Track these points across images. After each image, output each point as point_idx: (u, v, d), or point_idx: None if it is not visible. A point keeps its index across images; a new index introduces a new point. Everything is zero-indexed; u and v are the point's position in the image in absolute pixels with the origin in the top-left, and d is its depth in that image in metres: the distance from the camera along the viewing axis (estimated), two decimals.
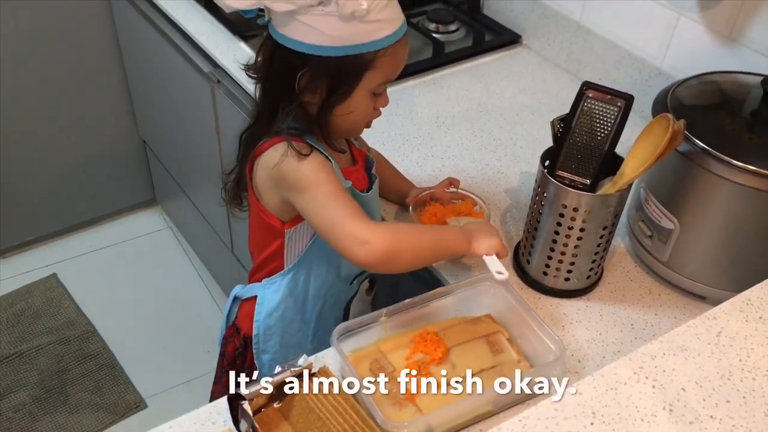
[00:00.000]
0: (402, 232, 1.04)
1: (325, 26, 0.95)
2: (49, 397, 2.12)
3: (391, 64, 1.02)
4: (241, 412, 0.91)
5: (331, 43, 0.97)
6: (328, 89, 1.01)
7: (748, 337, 0.82)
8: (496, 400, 0.98)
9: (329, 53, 0.97)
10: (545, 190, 1.09)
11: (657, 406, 0.74)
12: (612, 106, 1.05)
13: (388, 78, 1.04)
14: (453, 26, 1.84)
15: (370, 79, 1.01)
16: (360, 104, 1.04)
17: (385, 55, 1.00)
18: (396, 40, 1.00)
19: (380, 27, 0.97)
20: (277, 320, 1.22)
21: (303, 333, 1.23)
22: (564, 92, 1.66)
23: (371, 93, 1.04)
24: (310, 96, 1.02)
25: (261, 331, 1.23)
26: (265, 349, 1.24)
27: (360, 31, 0.96)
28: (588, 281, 1.17)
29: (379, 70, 1.01)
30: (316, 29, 0.96)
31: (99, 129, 2.51)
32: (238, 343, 1.28)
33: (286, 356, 1.23)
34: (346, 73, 1.00)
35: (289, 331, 1.23)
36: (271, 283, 1.20)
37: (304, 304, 1.21)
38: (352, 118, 1.05)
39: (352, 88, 1.01)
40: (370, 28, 0.97)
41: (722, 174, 1.02)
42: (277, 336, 1.23)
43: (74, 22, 2.25)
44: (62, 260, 2.57)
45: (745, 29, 1.33)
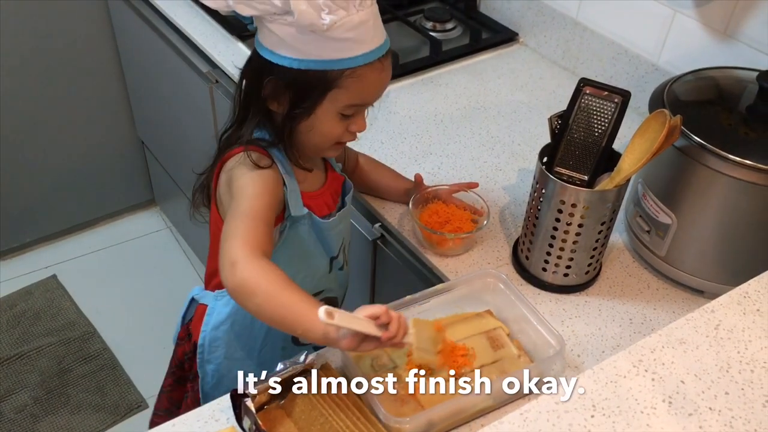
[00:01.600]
0: (269, 278, 0.91)
1: (288, 37, 0.94)
2: (51, 398, 2.12)
3: (358, 87, 0.97)
4: (244, 409, 0.92)
5: (293, 55, 0.95)
6: (291, 102, 0.99)
7: (745, 329, 0.83)
8: (497, 395, 0.98)
9: (291, 64, 0.95)
10: (544, 186, 1.10)
11: (656, 399, 0.75)
12: (609, 102, 1.05)
13: (357, 101, 1.00)
14: (450, 24, 1.85)
15: (334, 99, 0.98)
16: (325, 123, 1.01)
17: (352, 76, 0.96)
18: (365, 62, 0.96)
19: (348, 46, 0.94)
20: (224, 333, 1.20)
21: (249, 347, 1.21)
22: (561, 89, 1.66)
23: (338, 113, 1.00)
24: (275, 105, 1.01)
25: (207, 342, 1.22)
26: (210, 359, 1.23)
27: (322, 46, 0.93)
28: (587, 276, 1.17)
29: (344, 91, 0.97)
30: (281, 38, 0.94)
31: (97, 130, 2.51)
32: (188, 347, 1.27)
33: (230, 369, 1.22)
34: (309, 87, 0.97)
35: (235, 345, 1.21)
36: (222, 295, 1.17)
37: (253, 320, 1.17)
38: (316, 136, 1.03)
39: (314, 105, 0.99)
40: (336, 45, 0.93)
41: (719, 169, 1.03)
42: (222, 348, 1.22)
43: (72, 23, 2.26)
44: (62, 261, 2.58)
45: (741, 25, 1.34)
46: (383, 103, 1.59)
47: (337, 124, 1.02)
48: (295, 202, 1.06)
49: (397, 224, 1.30)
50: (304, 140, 1.04)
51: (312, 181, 1.12)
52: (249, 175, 1.01)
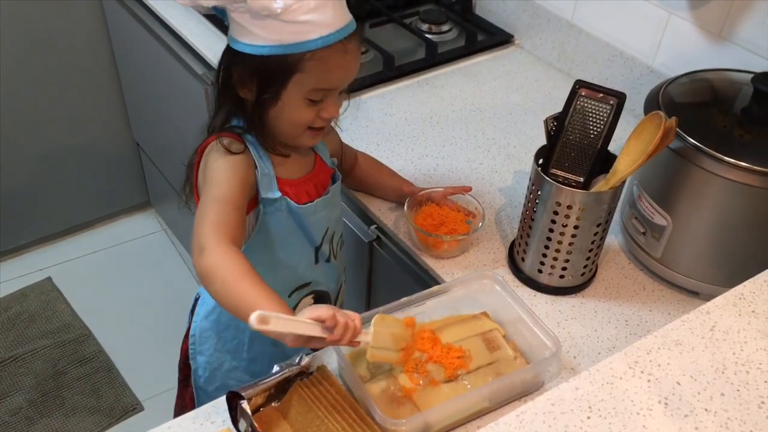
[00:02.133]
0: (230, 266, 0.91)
1: (248, 23, 0.95)
2: (45, 400, 2.11)
3: (320, 70, 0.97)
4: (240, 411, 0.92)
5: (254, 42, 0.96)
6: (258, 88, 1.00)
7: (741, 330, 0.83)
8: (493, 397, 0.99)
9: (252, 51, 0.97)
10: (539, 188, 1.10)
11: (652, 400, 0.75)
12: (604, 104, 1.06)
13: (322, 85, 0.99)
14: (445, 27, 1.85)
15: (298, 83, 0.98)
16: (293, 109, 1.01)
17: (313, 59, 0.96)
18: (325, 44, 0.96)
19: (306, 29, 0.94)
20: (212, 323, 1.20)
21: (239, 341, 1.21)
22: (556, 91, 1.67)
23: (305, 99, 1.00)
24: (245, 92, 1.02)
25: (197, 333, 1.23)
26: (201, 351, 1.24)
27: (280, 31, 0.94)
28: (582, 278, 1.18)
29: (307, 75, 0.97)
30: (242, 26, 0.96)
31: (92, 132, 2.51)
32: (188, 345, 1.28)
33: (221, 362, 1.22)
34: (272, 73, 0.98)
35: (224, 336, 1.22)
36: None
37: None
38: (285, 122, 1.03)
39: (279, 90, 0.99)
40: (294, 29, 0.94)
41: (714, 170, 1.04)
42: (212, 340, 1.22)
43: (67, 25, 2.25)
44: (57, 264, 2.57)
45: (735, 27, 1.35)
46: (379, 105, 1.59)
47: (305, 110, 1.02)
48: (267, 186, 1.06)
49: (393, 226, 1.30)
50: (276, 126, 1.05)
51: (294, 168, 1.12)
52: (220, 161, 1.02)
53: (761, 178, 1.01)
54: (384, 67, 1.69)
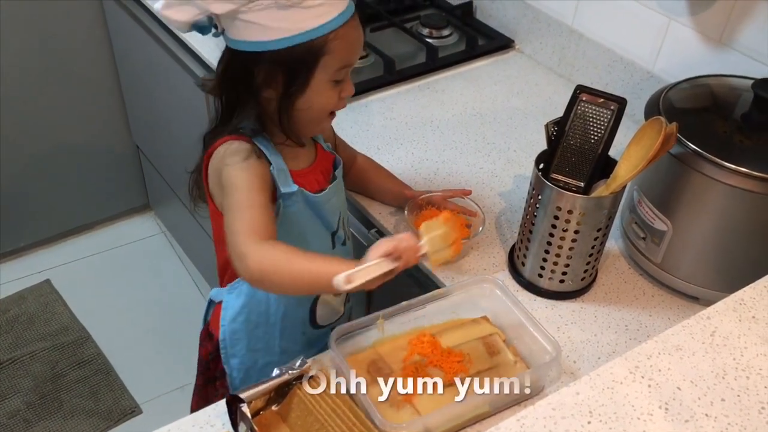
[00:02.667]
0: (276, 256, 0.96)
1: (268, 20, 0.95)
2: (44, 403, 2.11)
3: (344, 46, 1.00)
4: (239, 414, 0.92)
5: (277, 36, 0.97)
6: (285, 82, 1.01)
7: (741, 336, 0.83)
8: (494, 401, 0.99)
9: (278, 46, 0.97)
10: (540, 192, 1.10)
11: (653, 405, 0.75)
12: (605, 109, 1.06)
13: (345, 62, 1.02)
14: (446, 31, 1.86)
15: (325, 65, 1.00)
16: (321, 94, 1.03)
17: (336, 38, 0.99)
18: (344, 21, 0.99)
19: (324, 11, 0.97)
20: (241, 324, 1.21)
21: (270, 335, 1.22)
22: (557, 96, 1.67)
23: (330, 81, 1.02)
24: (269, 92, 1.02)
25: (227, 336, 1.23)
26: (233, 353, 1.24)
27: (303, 18, 0.96)
28: (582, 283, 1.18)
29: (332, 55, 0.99)
30: (261, 25, 0.96)
31: (92, 134, 2.51)
32: (210, 347, 1.28)
33: (255, 360, 1.23)
34: (299, 62, 0.99)
35: (255, 334, 1.22)
36: (234, 288, 1.20)
37: (267, 306, 1.19)
38: (313, 111, 1.05)
39: (309, 78, 1.01)
40: (313, 13, 0.96)
41: (714, 176, 1.04)
42: (243, 340, 1.23)
43: (66, 27, 2.26)
44: (56, 266, 2.57)
45: (735, 33, 1.35)
46: (379, 109, 1.60)
47: (331, 93, 1.04)
48: (284, 181, 1.07)
49: (393, 230, 1.30)
50: (301, 117, 1.05)
51: (301, 160, 1.13)
52: (235, 167, 1.03)
53: (761, 184, 1.01)
54: (385, 71, 1.69)
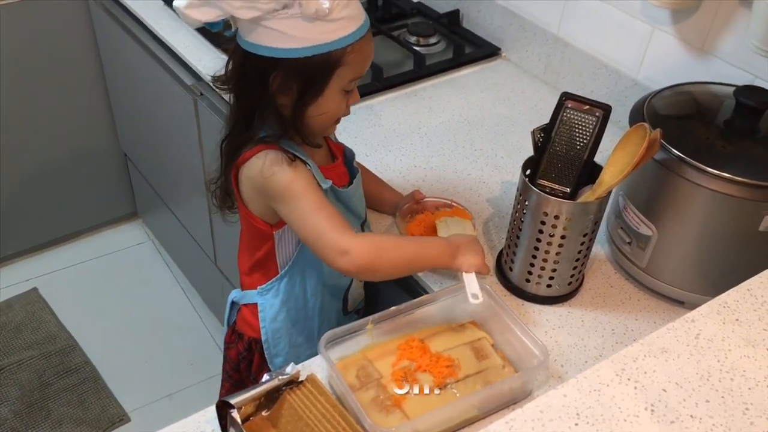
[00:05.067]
0: (383, 242, 1.08)
1: (291, 29, 0.98)
2: (31, 412, 2.10)
3: (359, 59, 1.04)
4: (229, 420, 0.92)
5: (298, 45, 0.99)
6: (300, 90, 1.03)
7: (725, 338, 0.85)
8: (482, 405, 0.99)
9: (298, 54, 1.00)
10: (527, 198, 1.11)
11: (639, 407, 0.76)
12: (590, 115, 1.07)
13: (358, 74, 1.06)
14: (433, 39, 1.87)
15: (340, 76, 1.03)
16: (332, 102, 1.06)
17: (353, 51, 1.02)
18: (361, 35, 1.03)
19: (344, 24, 1.00)
20: (282, 323, 1.24)
21: (309, 330, 1.26)
22: (543, 103, 1.68)
23: (342, 90, 1.06)
24: (283, 98, 1.05)
25: (269, 336, 1.25)
26: (277, 352, 1.27)
27: (325, 30, 0.99)
28: (569, 288, 1.19)
29: (348, 67, 1.03)
30: (283, 33, 0.98)
31: (80, 142, 2.50)
32: (241, 347, 1.30)
33: (297, 355, 1.26)
34: (316, 72, 1.02)
35: (295, 330, 1.26)
36: (268, 289, 1.22)
37: (305, 302, 1.23)
38: (324, 117, 1.08)
39: (323, 87, 1.04)
40: (335, 26, 0.99)
41: (698, 181, 1.05)
42: (285, 338, 1.26)
43: (54, 35, 2.25)
44: (43, 274, 2.55)
45: (717, 41, 1.37)
46: (367, 116, 1.61)
47: (341, 101, 1.07)
48: (320, 179, 1.10)
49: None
50: (311, 123, 1.08)
51: (323, 157, 1.17)
52: (286, 175, 1.05)
53: (743, 189, 1.03)
54: (372, 79, 1.70)
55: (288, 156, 1.06)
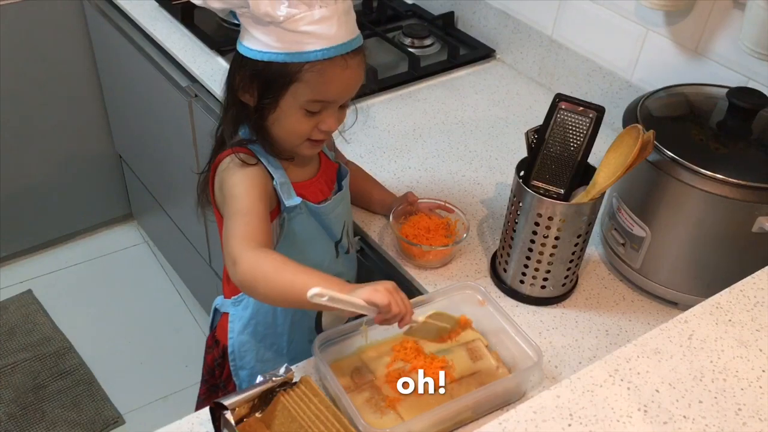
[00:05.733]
0: (266, 263, 0.94)
1: (251, 27, 0.97)
2: (26, 414, 2.09)
3: (319, 82, 0.97)
4: (223, 422, 0.92)
5: (257, 47, 0.97)
6: (258, 94, 1.01)
7: (718, 339, 0.85)
8: (476, 406, 0.99)
9: (254, 56, 0.98)
10: (521, 199, 1.11)
11: (632, 407, 0.77)
12: (584, 117, 1.07)
13: (319, 97, 0.99)
14: (428, 41, 1.87)
15: (296, 92, 0.98)
16: (292, 119, 1.01)
17: (312, 70, 0.96)
18: (325, 57, 0.96)
19: (308, 39, 0.95)
20: (249, 336, 1.22)
21: (277, 346, 1.23)
22: (537, 104, 1.69)
23: (303, 109, 1.00)
24: (246, 97, 1.03)
25: (236, 348, 1.24)
26: (242, 365, 1.25)
27: (283, 39, 0.95)
28: (563, 289, 1.19)
29: (305, 86, 0.97)
30: (246, 29, 0.98)
31: (74, 144, 2.49)
32: (217, 353, 1.29)
33: (263, 370, 1.22)
34: (272, 79, 0.99)
35: (263, 345, 1.23)
36: (239, 300, 1.21)
37: (275, 318, 1.20)
38: (283, 130, 1.04)
39: (278, 98, 1.00)
40: (295, 37, 0.94)
41: (691, 182, 1.06)
42: (251, 352, 1.23)
43: (49, 36, 2.25)
44: (37, 276, 2.55)
45: (711, 43, 1.38)
46: (362, 118, 1.60)
47: (303, 120, 1.02)
48: (287, 194, 1.07)
49: (377, 237, 1.31)
50: (275, 134, 1.05)
51: (304, 170, 1.14)
52: (236, 176, 1.04)
53: (736, 190, 1.03)
54: (367, 81, 1.69)
55: (253, 160, 1.04)
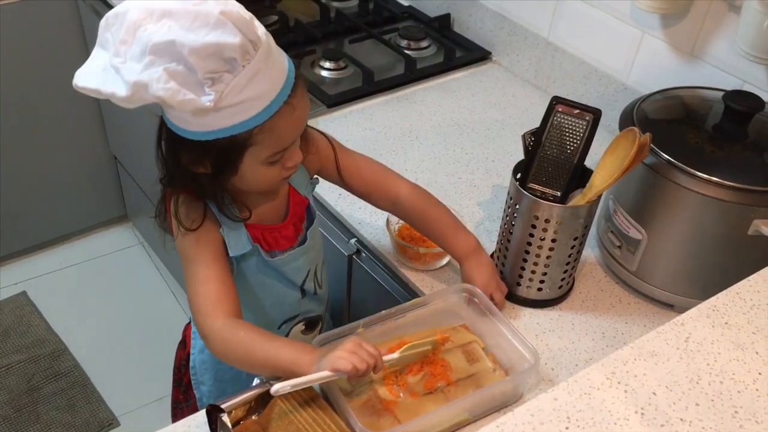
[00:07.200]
0: (235, 342, 0.94)
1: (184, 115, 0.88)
2: (20, 416, 2.08)
3: (273, 137, 0.92)
4: (220, 424, 0.92)
5: (197, 129, 0.90)
6: (213, 166, 0.95)
7: (714, 342, 0.85)
8: (473, 409, 0.99)
9: (197, 137, 0.90)
10: (518, 202, 1.11)
11: (629, 410, 0.77)
12: (581, 120, 1.08)
13: (277, 149, 0.95)
14: (424, 43, 1.87)
15: (253, 154, 0.93)
16: (254, 174, 0.97)
17: (262, 131, 0.91)
18: (270, 114, 0.90)
19: (246, 106, 0.88)
20: (209, 356, 1.21)
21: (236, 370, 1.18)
22: (533, 107, 1.69)
23: (264, 164, 0.95)
24: (199, 168, 0.96)
25: (197, 365, 1.24)
26: (203, 381, 1.24)
27: (222, 117, 0.88)
28: (560, 291, 1.19)
29: (261, 146, 0.92)
30: (179, 116, 0.90)
31: (69, 145, 2.49)
32: (182, 354, 1.29)
33: (223, 389, 1.23)
34: (224, 152, 0.92)
35: (221, 368, 1.22)
36: None
37: None
38: (252, 184, 0.99)
39: (237, 164, 0.94)
40: (233, 111, 0.87)
41: (687, 185, 1.06)
42: (210, 371, 1.23)
43: (44, 37, 2.24)
44: (32, 278, 2.54)
45: (706, 46, 1.38)
46: (358, 120, 1.61)
47: (267, 172, 0.97)
48: (235, 242, 1.03)
49: (373, 239, 1.31)
50: (243, 187, 1.00)
51: (267, 213, 1.07)
52: (186, 237, 1.00)
53: (732, 193, 1.04)
54: (363, 83, 1.70)
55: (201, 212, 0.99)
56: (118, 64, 0.84)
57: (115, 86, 0.85)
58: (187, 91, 0.83)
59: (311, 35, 1.87)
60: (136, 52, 0.83)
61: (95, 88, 0.86)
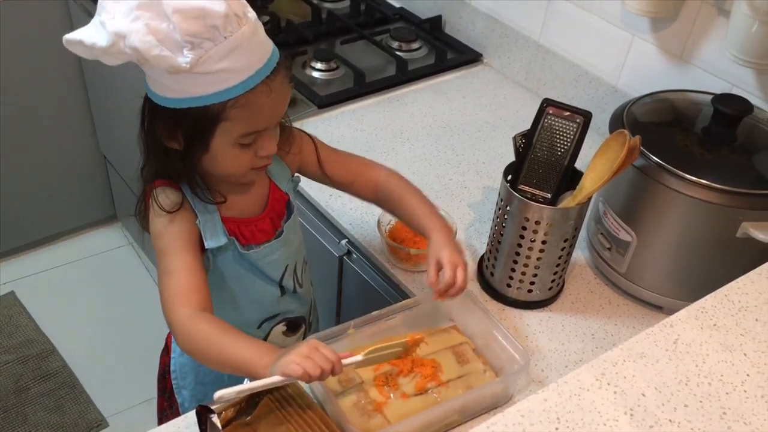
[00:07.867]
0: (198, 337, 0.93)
1: (159, 77, 0.89)
2: (8, 417, 2.07)
3: (246, 115, 0.91)
4: (210, 425, 0.92)
5: (172, 95, 0.90)
6: (185, 139, 0.94)
7: (703, 343, 0.86)
8: (463, 410, 1.00)
9: (170, 104, 0.91)
10: (508, 203, 1.12)
11: (618, 411, 0.77)
12: (571, 122, 1.08)
13: (250, 129, 0.94)
14: (416, 44, 1.88)
15: (226, 130, 0.92)
16: (226, 155, 0.96)
17: (236, 105, 0.90)
18: (247, 88, 0.90)
19: (223, 77, 0.88)
20: (189, 359, 1.20)
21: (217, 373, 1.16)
22: (524, 109, 1.70)
23: (237, 144, 0.94)
24: (172, 143, 0.96)
25: (177, 368, 1.23)
26: (184, 385, 1.24)
27: (197, 83, 0.88)
28: (550, 293, 1.20)
29: (233, 122, 0.91)
30: (155, 79, 0.90)
31: (59, 145, 2.48)
32: (165, 360, 1.28)
33: (204, 393, 1.22)
34: (196, 124, 0.92)
35: (202, 371, 1.21)
36: None
37: None
38: (223, 168, 0.98)
39: (207, 140, 0.94)
40: (209, 79, 0.88)
41: (676, 188, 1.07)
42: (191, 375, 1.22)
43: (33, 36, 2.23)
44: (21, 278, 2.52)
45: (696, 50, 1.39)
46: (349, 121, 1.61)
47: (240, 155, 0.96)
48: (211, 233, 1.02)
49: (364, 240, 1.31)
50: (214, 172, 0.99)
51: (244, 206, 1.07)
52: (159, 227, 0.99)
53: (721, 196, 1.04)
54: (355, 83, 1.70)
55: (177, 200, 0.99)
56: (106, 19, 0.86)
57: (98, 37, 0.87)
58: (164, 47, 0.85)
59: (302, 36, 1.87)
60: (124, 8, 0.85)
61: (79, 39, 0.88)
